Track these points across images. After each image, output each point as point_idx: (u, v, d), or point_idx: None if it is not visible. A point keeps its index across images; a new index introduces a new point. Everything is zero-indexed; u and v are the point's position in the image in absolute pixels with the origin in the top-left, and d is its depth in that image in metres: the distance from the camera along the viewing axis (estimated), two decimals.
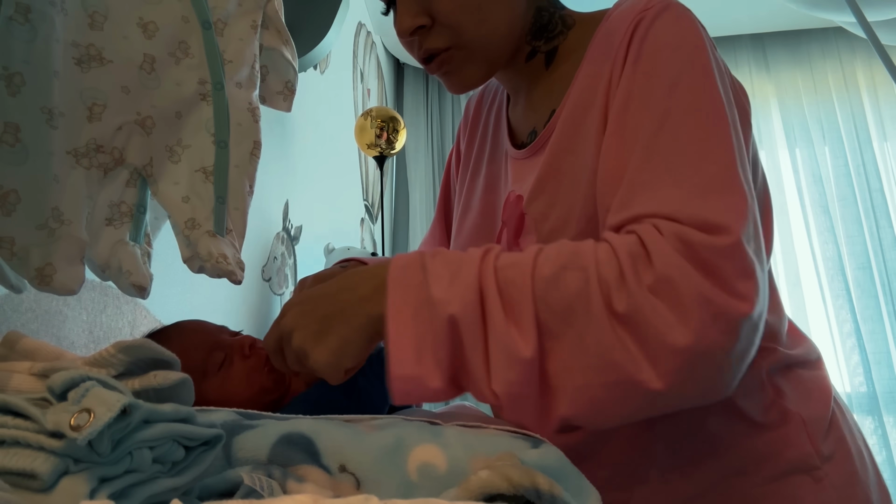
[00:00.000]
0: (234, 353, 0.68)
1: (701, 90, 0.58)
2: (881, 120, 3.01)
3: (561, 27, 0.74)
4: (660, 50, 0.60)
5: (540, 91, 0.75)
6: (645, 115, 0.58)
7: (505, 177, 0.78)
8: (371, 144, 2.03)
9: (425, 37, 0.69)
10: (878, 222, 2.88)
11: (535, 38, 0.73)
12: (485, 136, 0.85)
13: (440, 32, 0.68)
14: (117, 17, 0.63)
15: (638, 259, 0.50)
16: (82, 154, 0.60)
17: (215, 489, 0.39)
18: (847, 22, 2.27)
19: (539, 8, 0.73)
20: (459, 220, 0.83)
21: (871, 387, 2.71)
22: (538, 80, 0.75)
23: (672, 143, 0.55)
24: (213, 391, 0.66)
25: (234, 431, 0.47)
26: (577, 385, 0.50)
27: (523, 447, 0.47)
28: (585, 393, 0.50)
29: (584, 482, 0.46)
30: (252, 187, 0.73)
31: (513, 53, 0.73)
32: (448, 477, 0.44)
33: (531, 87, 0.76)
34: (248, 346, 0.69)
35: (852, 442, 0.67)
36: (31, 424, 0.33)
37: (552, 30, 0.73)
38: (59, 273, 0.55)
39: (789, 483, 0.63)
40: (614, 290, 0.50)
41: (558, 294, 0.51)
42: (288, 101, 0.87)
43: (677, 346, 0.48)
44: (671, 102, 0.57)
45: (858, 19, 1.49)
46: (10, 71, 0.52)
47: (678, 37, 0.61)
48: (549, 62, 0.74)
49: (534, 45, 0.74)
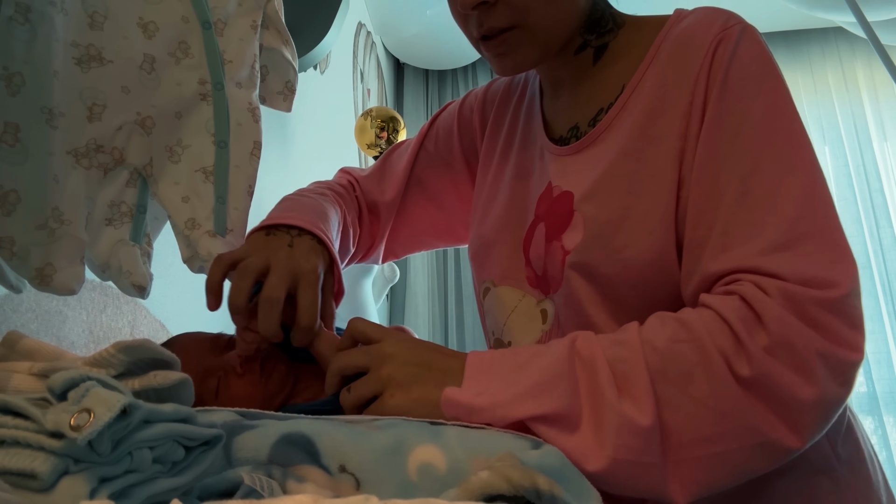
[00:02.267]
0: (228, 375, 0.63)
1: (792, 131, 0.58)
2: (881, 120, 3.01)
3: (612, 24, 0.73)
4: (747, 79, 0.61)
5: (586, 87, 0.74)
6: (737, 150, 0.58)
7: (540, 170, 0.77)
8: (371, 144, 2.03)
9: (487, 14, 0.67)
10: (878, 222, 2.88)
11: (587, 30, 0.73)
12: (514, 126, 0.84)
13: (504, 11, 0.66)
14: (117, 17, 0.63)
15: (750, 323, 0.51)
16: (82, 154, 0.60)
17: (215, 489, 0.39)
18: (847, 22, 2.27)
19: (595, 2, 0.72)
20: (484, 206, 0.82)
21: (871, 387, 2.71)
22: (584, 74, 0.74)
23: (767, 185, 0.56)
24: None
25: (234, 431, 0.46)
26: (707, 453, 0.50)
27: (523, 447, 0.47)
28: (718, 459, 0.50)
29: (585, 483, 0.46)
30: (252, 187, 0.73)
31: (566, 43, 0.72)
32: (448, 477, 0.44)
33: (576, 81, 0.75)
34: (239, 365, 0.64)
35: (865, 446, 0.68)
36: (31, 424, 0.33)
37: (604, 25, 0.73)
38: (59, 273, 0.55)
39: (809, 483, 0.63)
40: (733, 357, 0.50)
41: (676, 366, 0.51)
42: (288, 101, 0.87)
43: (807, 402, 0.50)
44: (762, 140, 0.58)
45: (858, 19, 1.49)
46: (10, 71, 0.52)
47: (763, 67, 0.61)
48: (597, 58, 0.74)
49: (585, 37, 0.73)
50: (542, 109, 0.81)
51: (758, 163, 0.57)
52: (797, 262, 0.52)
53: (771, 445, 0.50)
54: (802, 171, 0.57)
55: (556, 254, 0.68)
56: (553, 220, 0.70)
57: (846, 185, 2.94)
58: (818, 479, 0.63)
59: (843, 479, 0.63)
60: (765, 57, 0.62)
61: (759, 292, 0.52)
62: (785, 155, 0.57)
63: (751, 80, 0.61)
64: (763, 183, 0.56)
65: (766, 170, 0.57)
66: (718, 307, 0.53)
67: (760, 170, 0.57)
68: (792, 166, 0.57)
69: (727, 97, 0.60)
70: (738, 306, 0.52)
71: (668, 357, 0.51)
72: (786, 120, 0.59)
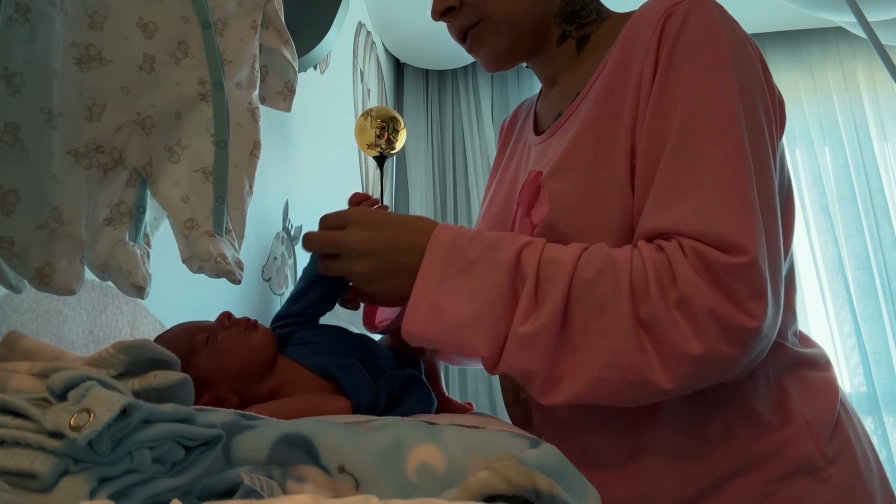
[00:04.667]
0: (216, 329, 0.73)
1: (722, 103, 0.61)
2: (881, 120, 3.01)
3: (595, 16, 0.77)
4: (690, 51, 0.63)
5: (570, 77, 0.78)
6: (675, 119, 0.62)
7: (526, 162, 0.81)
8: (371, 144, 2.03)
9: (457, 17, 0.77)
10: (878, 222, 2.87)
11: (565, 21, 0.77)
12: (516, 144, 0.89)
13: (468, 10, 0.76)
14: (117, 17, 0.63)
15: (664, 276, 0.57)
16: (82, 154, 0.60)
17: (215, 489, 0.39)
18: (847, 22, 2.27)
19: None
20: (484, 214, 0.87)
21: (871, 387, 2.70)
22: (569, 66, 0.78)
23: (694, 151, 0.60)
24: (206, 364, 0.70)
25: (234, 431, 0.47)
26: (590, 376, 0.57)
27: (522, 447, 0.47)
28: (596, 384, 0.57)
29: (584, 482, 0.46)
30: (252, 187, 0.73)
31: (542, 35, 0.78)
32: (447, 477, 0.44)
33: (563, 73, 0.79)
34: (227, 318, 0.74)
35: (857, 444, 0.67)
36: (30, 424, 0.33)
37: (585, 17, 0.77)
38: (59, 273, 0.55)
39: (792, 484, 0.63)
40: (640, 301, 0.57)
41: (594, 297, 0.58)
42: (288, 101, 0.87)
43: (691, 356, 0.55)
44: (695, 109, 0.61)
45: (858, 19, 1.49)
46: (10, 71, 0.52)
47: (708, 40, 0.64)
48: (580, 49, 0.77)
49: (564, 28, 0.77)
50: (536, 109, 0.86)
51: (688, 130, 0.61)
52: (714, 226, 0.57)
53: (646, 385, 0.56)
54: (727, 142, 0.60)
55: (525, 230, 0.72)
56: (525, 199, 0.74)
57: (846, 185, 2.94)
58: (802, 479, 0.63)
59: (829, 480, 0.63)
60: (712, 30, 0.64)
61: (679, 252, 0.57)
62: (713, 125, 0.61)
63: (693, 51, 0.63)
64: (691, 149, 0.60)
65: (695, 138, 0.60)
66: (646, 257, 0.59)
67: (690, 137, 0.61)
68: (717, 137, 0.60)
69: (671, 69, 0.63)
70: (660, 261, 0.58)
71: (590, 287, 0.58)
72: (720, 91, 0.61)
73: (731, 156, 0.59)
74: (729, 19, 0.66)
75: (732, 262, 0.55)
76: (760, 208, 0.58)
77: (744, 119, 0.61)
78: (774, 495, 0.62)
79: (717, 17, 0.65)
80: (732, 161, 0.59)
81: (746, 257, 0.55)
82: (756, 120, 0.63)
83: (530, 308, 0.58)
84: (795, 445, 0.64)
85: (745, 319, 0.54)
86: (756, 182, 0.59)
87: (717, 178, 0.59)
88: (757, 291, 0.55)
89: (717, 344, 0.54)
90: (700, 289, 0.55)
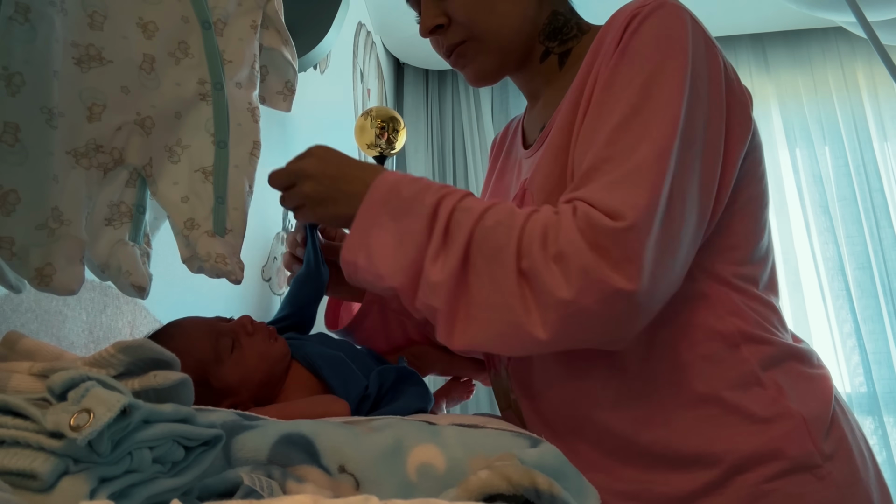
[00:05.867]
0: (239, 335, 0.73)
1: (666, 96, 0.63)
2: (881, 120, 3.01)
3: (576, 31, 0.80)
4: (643, 46, 0.65)
5: (552, 89, 0.81)
6: (615, 109, 0.64)
7: (517, 178, 0.84)
8: (371, 144, 2.03)
9: (444, 35, 0.79)
10: (878, 222, 2.87)
11: (548, 39, 0.80)
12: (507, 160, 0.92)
13: (456, 29, 0.78)
14: (117, 17, 0.63)
15: (551, 231, 0.61)
16: (82, 154, 0.60)
17: (215, 489, 0.39)
18: (847, 22, 2.27)
19: (555, 12, 0.79)
20: None
21: (871, 387, 2.70)
22: (553, 81, 0.81)
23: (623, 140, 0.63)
24: (232, 374, 0.70)
25: (234, 431, 0.47)
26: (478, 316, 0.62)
27: (522, 446, 0.47)
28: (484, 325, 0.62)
29: (584, 482, 0.46)
30: (252, 187, 0.73)
31: (527, 53, 0.80)
32: (447, 477, 0.44)
33: (546, 87, 0.82)
34: (249, 323, 0.74)
35: (853, 441, 0.67)
36: (30, 424, 0.33)
37: (567, 32, 0.80)
38: (59, 273, 0.55)
39: (792, 481, 0.63)
40: (525, 252, 0.61)
41: (491, 243, 0.62)
42: (288, 101, 0.87)
43: (560, 301, 0.58)
44: (639, 101, 0.63)
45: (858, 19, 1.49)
46: (10, 71, 0.52)
47: (662, 37, 0.65)
48: (562, 63, 0.80)
49: (547, 45, 0.80)
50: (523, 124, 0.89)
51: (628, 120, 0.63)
52: (609, 196, 0.60)
53: (522, 329, 0.60)
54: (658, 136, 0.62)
55: None
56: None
57: (846, 185, 2.93)
58: (801, 476, 0.63)
59: (828, 476, 0.63)
60: (671, 31, 0.66)
61: (570, 213, 0.61)
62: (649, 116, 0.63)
63: (645, 49, 0.65)
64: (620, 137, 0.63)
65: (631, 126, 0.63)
66: (542, 215, 0.63)
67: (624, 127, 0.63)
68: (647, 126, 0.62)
69: (622, 63, 0.66)
70: (551, 220, 0.62)
71: (490, 234, 0.63)
72: (665, 88, 0.63)
73: (657, 145, 0.61)
74: (692, 20, 0.67)
75: (611, 225, 0.58)
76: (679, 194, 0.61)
77: (684, 115, 0.63)
78: (774, 493, 0.63)
79: (678, 17, 0.66)
80: (656, 148, 0.61)
81: (624, 223, 0.58)
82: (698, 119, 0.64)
83: (439, 249, 0.64)
84: (793, 443, 0.64)
85: (615, 279, 0.57)
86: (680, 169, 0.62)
87: (633, 159, 0.61)
88: (629, 256, 0.58)
89: (585, 294, 0.58)
90: (577, 245, 0.59)
